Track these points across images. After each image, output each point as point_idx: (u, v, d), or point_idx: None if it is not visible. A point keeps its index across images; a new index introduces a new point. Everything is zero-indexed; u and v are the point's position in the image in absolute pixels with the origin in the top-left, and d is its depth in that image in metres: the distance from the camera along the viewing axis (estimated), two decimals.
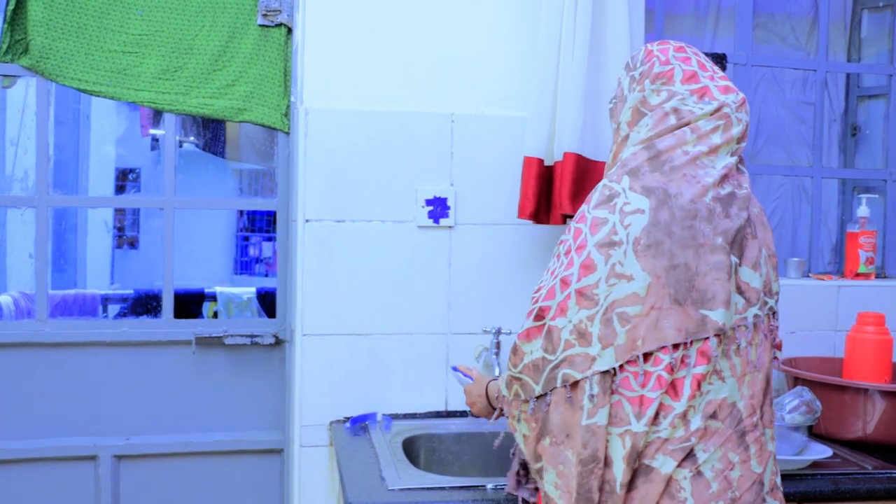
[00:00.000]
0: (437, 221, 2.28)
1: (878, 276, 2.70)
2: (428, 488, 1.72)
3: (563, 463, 1.33)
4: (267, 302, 4.71)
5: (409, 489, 1.72)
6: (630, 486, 1.31)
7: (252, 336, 2.43)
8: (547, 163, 2.15)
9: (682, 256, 1.31)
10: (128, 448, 2.40)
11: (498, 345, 2.25)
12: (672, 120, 1.40)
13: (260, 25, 2.36)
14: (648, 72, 1.45)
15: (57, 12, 2.25)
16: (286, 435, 2.44)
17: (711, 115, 1.39)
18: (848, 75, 3.09)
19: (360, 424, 2.21)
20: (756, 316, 1.39)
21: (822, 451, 1.93)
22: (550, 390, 1.34)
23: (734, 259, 1.35)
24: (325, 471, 2.27)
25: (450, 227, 2.30)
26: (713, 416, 1.33)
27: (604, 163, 2.13)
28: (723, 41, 2.91)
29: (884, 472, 1.88)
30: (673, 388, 1.31)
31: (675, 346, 1.31)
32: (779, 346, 1.50)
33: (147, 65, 2.31)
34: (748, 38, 2.64)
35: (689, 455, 1.32)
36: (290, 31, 2.38)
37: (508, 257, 2.33)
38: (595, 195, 1.38)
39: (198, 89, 2.34)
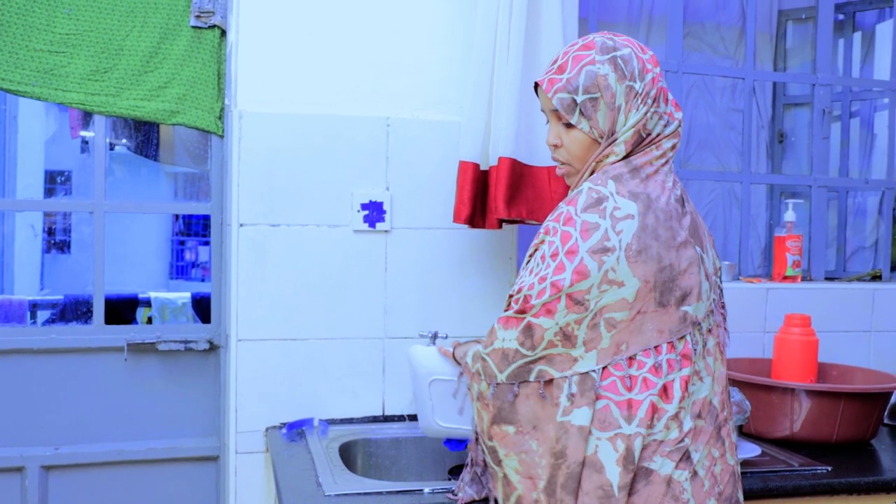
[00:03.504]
0: (372, 226, 2.28)
1: (804, 279, 2.77)
2: (365, 493, 1.72)
3: (525, 451, 1.36)
4: (202, 307, 4.64)
5: (346, 494, 1.71)
6: (631, 490, 1.34)
7: (186, 342, 2.39)
8: (482, 167, 2.16)
9: (668, 258, 1.35)
10: (57, 458, 2.34)
11: None
12: (645, 138, 1.44)
13: (193, 27, 2.32)
14: (651, 93, 1.43)
15: None
16: (221, 442, 2.41)
17: (671, 134, 1.46)
18: (774, 84, 3.18)
19: (296, 430, 2.19)
20: (713, 300, 1.46)
21: (751, 450, 1.99)
22: (520, 383, 1.37)
23: (699, 250, 1.41)
24: (261, 477, 2.24)
25: (386, 231, 2.30)
26: (699, 415, 1.39)
27: (538, 167, 2.15)
28: (654, 49, 2.95)
29: (809, 468, 1.93)
30: (664, 390, 1.35)
31: (658, 348, 1.35)
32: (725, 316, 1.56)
33: (75, 65, 2.26)
34: (679, 46, 2.70)
35: (686, 456, 1.36)
36: (223, 33, 2.35)
37: (444, 261, 2.34)
38: (581, 198, 1.38)
39: (129, 91, 2.30)
